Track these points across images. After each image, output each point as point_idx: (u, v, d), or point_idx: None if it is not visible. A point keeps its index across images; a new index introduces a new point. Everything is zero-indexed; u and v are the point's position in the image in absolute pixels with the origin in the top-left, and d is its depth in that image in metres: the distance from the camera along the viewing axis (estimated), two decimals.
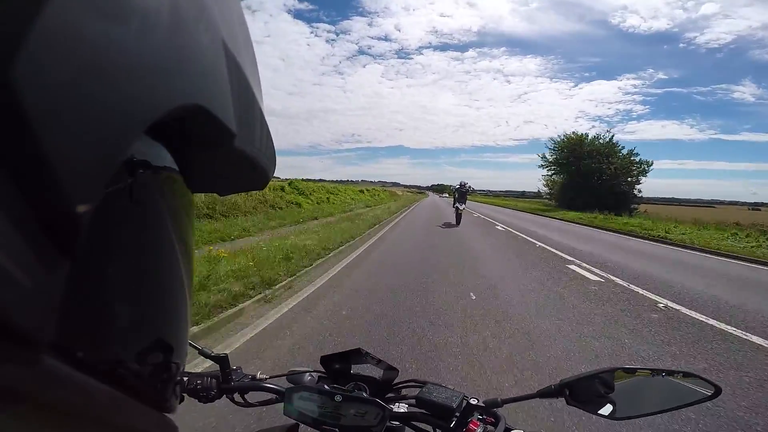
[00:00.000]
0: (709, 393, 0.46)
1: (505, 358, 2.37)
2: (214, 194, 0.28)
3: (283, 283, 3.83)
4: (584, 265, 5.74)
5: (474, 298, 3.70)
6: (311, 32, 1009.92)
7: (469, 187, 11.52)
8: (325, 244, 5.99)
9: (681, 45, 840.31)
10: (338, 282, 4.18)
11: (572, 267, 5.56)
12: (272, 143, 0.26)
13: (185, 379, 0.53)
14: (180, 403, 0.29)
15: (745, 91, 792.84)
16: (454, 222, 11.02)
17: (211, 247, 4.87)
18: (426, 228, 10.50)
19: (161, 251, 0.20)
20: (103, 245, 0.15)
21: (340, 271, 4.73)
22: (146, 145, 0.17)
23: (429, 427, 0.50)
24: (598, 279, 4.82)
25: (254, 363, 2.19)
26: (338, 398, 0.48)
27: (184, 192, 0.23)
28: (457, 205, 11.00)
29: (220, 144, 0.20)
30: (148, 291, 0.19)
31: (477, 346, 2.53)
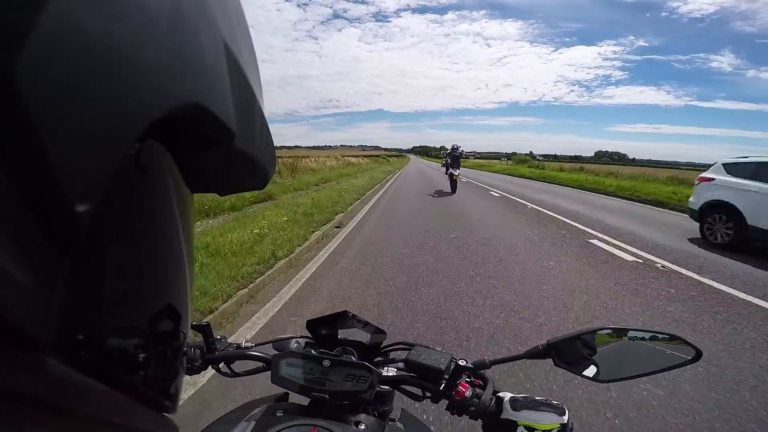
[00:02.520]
0: (690, 357, 0.45)
1: None
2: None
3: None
4: None
5: None
6: None
7: (462, 151, 10.69)
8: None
9: (663, 13, 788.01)
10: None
11: None
12: (272, 142, 0.26)
13: None
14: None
15: (723, 61, 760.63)
16: (449, 190, 10.18)
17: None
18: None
19: (165, 253, 0.20)
20: (105, 245, 0.15)
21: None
22: (146, 144, 0.17)
23: (418, 390, 0.50)
24: None
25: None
26: (326, 363, 0.46)
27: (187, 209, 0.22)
28: (452, 171, 10.15)
29: (220, 143, 0.20)
30: (149, 293, 0.19)
31: None
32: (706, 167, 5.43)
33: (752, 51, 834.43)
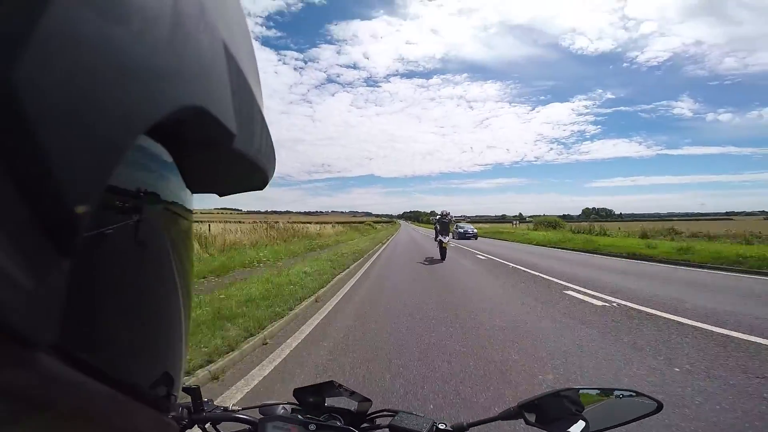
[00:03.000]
0: (653, 408, 0.48)
1: None
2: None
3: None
4: None
5: None
6: (279, 60, 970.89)
7: (451, 217, 10.49)
8: None
9: (624, 64, 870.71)
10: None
11: None
12: (272, 144, 0.26)
13: None
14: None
15: (684, 107, 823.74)
16: (439, 258, 9.90)
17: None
18: None
19: (161, 255, 0.20)
20: (104, 245, 0.15)
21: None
22: (147, 146, 0.17)
23: None
24: None
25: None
26: (312, 428, 0.48)
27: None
28: (441, 238, 9.87)
29: (219, 145, 0.20)
30: (147, 293, 0.20)
31: None
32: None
33: (707, 94, 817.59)
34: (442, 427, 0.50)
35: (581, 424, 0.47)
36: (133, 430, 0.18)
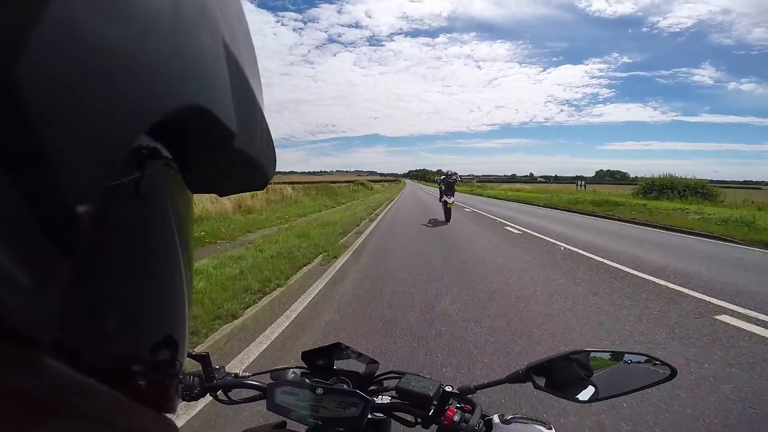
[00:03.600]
0: (667, 374, 0.47)
1: None
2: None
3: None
4: None
5: None
6: (277, 21, 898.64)
7: (457, 177, 9.54)
8: None
9: (644, 29, 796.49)
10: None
11: None
12: (272, 143, 0.26)
13: None
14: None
15: (705, 74, 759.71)
16: (443, 219, 9.47)
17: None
18: None
19: (163, 251, 0.20)
20: (104, 246, 0.15)
21: None
22: (147, 145, 0.17)
23: (410, 417, 0.52)
24: None
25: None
26: (320, 391, 0.49)
27: (186, 192, 0.23)
28: (445, 198, 9.17)
29: (220, 144, 0.20)
30: (149, 292, 0.20)
31: None
32: None
33: (731, 63, 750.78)
34: (449, 390, 0.50)
35: (591, 389, 0.47)
36: (134, 429, 0.18)
